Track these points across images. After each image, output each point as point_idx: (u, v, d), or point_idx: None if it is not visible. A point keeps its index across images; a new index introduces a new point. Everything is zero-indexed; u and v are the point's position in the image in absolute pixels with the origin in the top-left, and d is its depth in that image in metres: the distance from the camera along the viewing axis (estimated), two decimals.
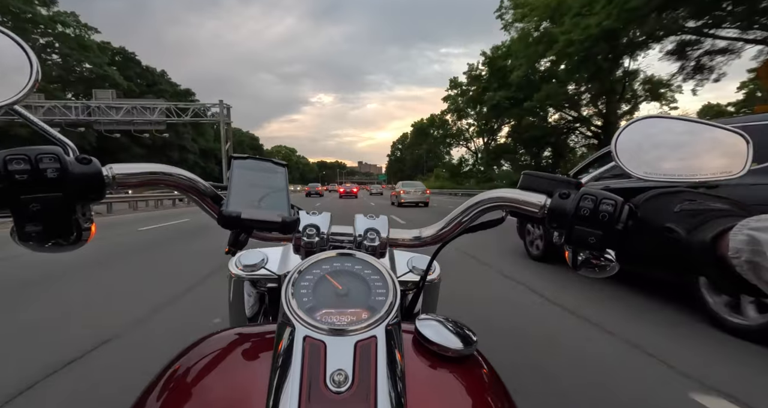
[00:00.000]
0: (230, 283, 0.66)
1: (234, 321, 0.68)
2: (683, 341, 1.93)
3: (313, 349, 0.31)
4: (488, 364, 0.43)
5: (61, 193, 0.34)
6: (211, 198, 0.45)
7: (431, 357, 0.39)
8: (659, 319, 2.31)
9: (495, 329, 2.12)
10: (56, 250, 0.38)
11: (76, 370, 1.68)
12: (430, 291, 0.69)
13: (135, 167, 0.42)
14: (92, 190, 0.38)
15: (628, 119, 1.69)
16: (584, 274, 0.44)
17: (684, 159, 0.44)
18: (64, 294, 2.85)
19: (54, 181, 0.34)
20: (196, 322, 2.21)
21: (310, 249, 0.46)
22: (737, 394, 1.49)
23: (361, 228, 0.50)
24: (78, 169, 0.37)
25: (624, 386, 1.55)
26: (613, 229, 0.39)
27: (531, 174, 0.46)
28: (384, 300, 0.35)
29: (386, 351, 0.32)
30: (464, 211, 0.49)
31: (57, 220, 0.35)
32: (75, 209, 0.36)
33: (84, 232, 0.39)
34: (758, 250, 0.30)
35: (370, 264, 0.39)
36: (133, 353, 1.82)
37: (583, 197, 0.41)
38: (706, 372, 1.63)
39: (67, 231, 0.37)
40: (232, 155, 0.45)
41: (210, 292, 2.86)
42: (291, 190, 1.52)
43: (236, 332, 0.44)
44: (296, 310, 0.33)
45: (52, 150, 0.35)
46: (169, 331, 2.07)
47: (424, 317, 0.42)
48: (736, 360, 1.76)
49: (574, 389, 1.56)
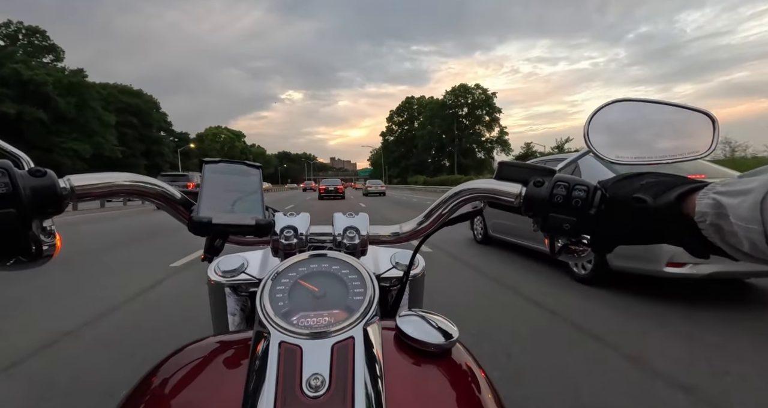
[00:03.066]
0: (210, 289, 0.68)
1: (217, 328, 0.71)
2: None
3: (289, 355, 0.32)
4: (471, 355, 0.45)
5: (13, 209, 0.34)
6: (182, 205, 0.46)
7: (412, 354, 0.41)
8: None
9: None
10: (18, 268, 0.39)
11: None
12: (415, 286, 0.72)
13: (96, 177, 0.42)
14: (48, 204, 0.38)
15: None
16: (563, 260, 0.46)
17: (653, 141, 0.47)
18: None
19: (3, 197, 0.34)
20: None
21: (289, 251, 0.48)
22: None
23: (340, 227, 0.51)
24: (31, 182, 0.37)
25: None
26: (587, 214, 0.42)
27: (507, 163, 0.48)
28: (361, 299, 0.37)
29: (364, 351, 0.33)
30: (442, 204, 0.51)
31: (11, 239, 0.36)
32: (30, 225, 0.36)
33: (47, 247, 0.40)
34: (722, 213, 0.32)
35: (346, 263, 0.41)
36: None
37: (556, 184, 0.43)
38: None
39: (25, 248, 0.37)
40: (204, 159, 0.47)
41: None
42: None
43: (215, 340, 0.46)
44: (271, 316, 0.35)
45: (0, 164, 0.35)
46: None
47: (405, 313, 0.44)
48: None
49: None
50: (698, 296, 2.99)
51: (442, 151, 64.43)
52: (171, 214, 0.46)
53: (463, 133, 62.34)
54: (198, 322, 2.46)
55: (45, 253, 0.39)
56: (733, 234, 0.30)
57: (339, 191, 23.16)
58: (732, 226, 0.30)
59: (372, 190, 27.56)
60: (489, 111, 60.58)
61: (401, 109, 77.12)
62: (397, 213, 10.56)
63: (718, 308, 2.72)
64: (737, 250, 0.31)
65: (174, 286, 3.60)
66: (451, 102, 62.36)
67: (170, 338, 2.27)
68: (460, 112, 61.89)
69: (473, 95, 61.05)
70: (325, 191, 23.05)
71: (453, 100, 62.22)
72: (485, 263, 4.47)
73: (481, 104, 60.48)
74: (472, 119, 61.81)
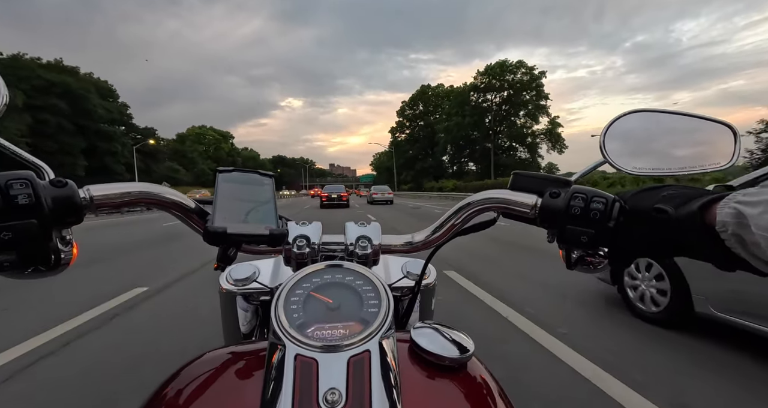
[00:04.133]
0: (221, 298, 0.72)
1: (228, 337, 0.76)
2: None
3: (305, 368, 0.34)
4: (487, 370, 0.47)
5: (34, 220, 0.37)
6: (197, 214, 0.50)
7: (427, 367, 0.43)
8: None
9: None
10: (36, 276, 0.42)
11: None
12: (426, 295, 0.75)
13: (114, 187, 0.46)
14: (69, 214, 0.41)
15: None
16: (579, 271, 0.48)
17: (672, 152, 0.49)
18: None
19: (26, 208, 0.37)
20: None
21: (302, 260, 0.52)
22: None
23: (352, 236, 0.54)
24: (52, 192, 0.40)
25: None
26: (605, 226, 0.43)
27: (521, 174, 0.51)
28: (377, 311, 0.39)
29: (380, 365, 0.35)
30: (455, 214, 0.54)
31: (32, 248, 0.38)
32: (51, 235, 0.40)
33: (65, 255, 0.43)
34: (743, 223, 0.33)
35: (360, 274, 0.43)
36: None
37: (573, 196, 0.45)
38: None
39: (45, 258, 0.40)
40: (218, 169, 0.51)
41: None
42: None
43: (228, 351, 0.49)
44: (286, 327, 0.37)
45: (23, 175, 0.38)
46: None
47: (419, 325, 0.46)
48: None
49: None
50: None
51: (471, 149, 54.70)
52: (186, 224, 0.51)
53: (501, 125, 52.93)
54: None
55: (63, 261, 0.43)
56: (756, 244, 0.32)
57: (343, 199, 21.92)
58: (754, 236, 0.32)
59: (378, 197, 27.39)
60: (536, 96, 50.76)
61: (415, 99, 68.18)
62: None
63: None
64: (761, 260, 0.34)
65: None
66: (485, 85, 52.46)
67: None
68: (495, 98, 51.70)
69: (513, 75, 51.18)
70: (327, 199, 21.71)
71: (487, 82, 52.45)
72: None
73: (525, 86, 50.70)
74: (511, 107, 51.78)
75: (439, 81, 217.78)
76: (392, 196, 27.99)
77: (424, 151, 63.31)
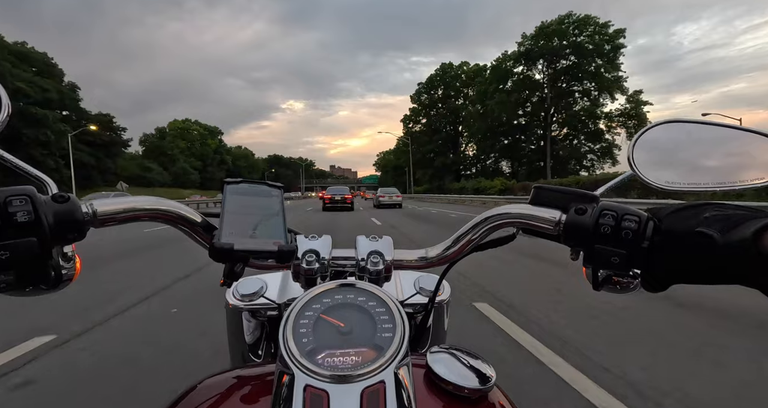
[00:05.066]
0: (228, 313, 0.74)
1: (234, 354, 0.77)
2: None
3: (315, 401, 0.33)
4: (509, 401, 0.46)
5: (34, 238, 0.37)
6: (203, 228, 0.51)
7: (445, 398, 0.42)
8: None
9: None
10: (37, 294, 0.43)
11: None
12: (440, 313, 0.76)
13: (118, 203, 0.46)
14: (70, 231, 0.41)
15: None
16: (607, 292, 0.46)
17: (709, 166, 0.46)
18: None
19: (25, 225, 0.37)
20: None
21: (311, 276, 0.52)
22: None
23: (363, 251, 0.54)
24: (54, 208, 0.40)
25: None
26: (638, 247, 0.42)
27: (543, 187, 0.51)
28: (391, 336, 0.39)
29: (395, 397, 0.34)
30: (473, 228, 0.54)
31: (31, 267, 0.39)
32: (51, 253, 0.40)
33: (66, 272, 0.43)
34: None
35: (374, 295, 0.43)
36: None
37: (602, 213, 0.43)
38: None
39: (44, 276, 0.40)
40: (225, 180, 0.52)
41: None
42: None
43: (234, 375, 0.49)
44: (296, 355, 0.37)
45: (23, 190, 0.38)
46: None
47: (436, 350, 0.46)
48: None
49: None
50: None
51: (512, 139, 42.71)
52: (192, 239, 0.53)
53: (558, 105, 40.19)
54: None
55: (64, 278, 0.44)
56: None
57: (347, 201, 22.03)
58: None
59: (385, 200, 27.04)
60: (608, 61, 39.07)
61: (433, 82, 56.38)
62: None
63: None
64: None
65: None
66: (537, 50, 40.06)
67: None
68: (549, 69, 39.28)
69: (576, 37, 39.21)
70: (330, 201, 21.73)
71: (538, 48, 40.49)
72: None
73: (595, 50, 38.89)
74: (572, 81, 39.54)
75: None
76: (401, 200, 27.36)
77: (446, 144, 52.43)
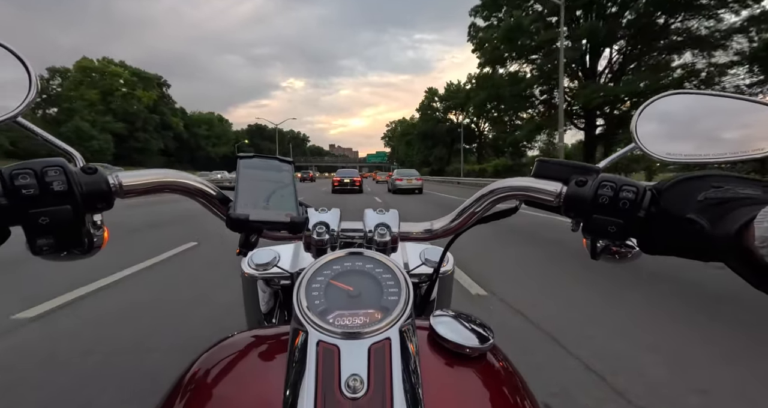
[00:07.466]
0: (243, 282, 0.78)
1: (250, 319, 0.83)
2: None
3: (327, 354, 0.36)
4: (507, 359, 0.49)
5: (69, 206, 0.41)
6: (219, 201, 0.54)
7: (447, 355, 0.45)
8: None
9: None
10: (71, 259, 0.46)
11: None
12: (444, 283, 0.79)
13: (141, 174, 0.50)
14: (100, 200, 0.45)
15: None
16: (604, 262, 0.49)
17: (711, 137, 0.47)
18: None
19: (61, 194, 0.41)
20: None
21: (321, 246, 0.55)
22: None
23: (371, 223, 0.57)
24: (84, 179, 0.43)
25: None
26: (635, 217, 0.43)
27: (545, 161, 0.52)
28: (396, 299, 0.42)
29: (401, 353, 0.37)
30: (476, 201, 0.56)
31: (67, 232, 0.42)
32: (84, 219, 0.44)
33: (96, 239, 0.47)
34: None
35: (380, 262, 0.46)
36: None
37: (601, 184, 0.45)
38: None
39: (79, 241, 0.44)
40: (238, 155, 0.54)
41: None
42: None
43: (252, 335, 0.53)
44: (309, 314, 0.40)
45: (57, 162, 0.42)
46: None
47: (439, 313, 0.48)
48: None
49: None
50: None
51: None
52: (209, 210, 0.56)
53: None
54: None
55: (95, 245, 0.47)
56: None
57: (356, 184, 21.97)
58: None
59: (403, 185, 22.21)
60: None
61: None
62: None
63: None
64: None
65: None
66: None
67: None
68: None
69: None
70: (339, 184, 21.65)
71: None
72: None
73: None
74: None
75: (443, 62, 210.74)
76: (421, 183, 22.19)
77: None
